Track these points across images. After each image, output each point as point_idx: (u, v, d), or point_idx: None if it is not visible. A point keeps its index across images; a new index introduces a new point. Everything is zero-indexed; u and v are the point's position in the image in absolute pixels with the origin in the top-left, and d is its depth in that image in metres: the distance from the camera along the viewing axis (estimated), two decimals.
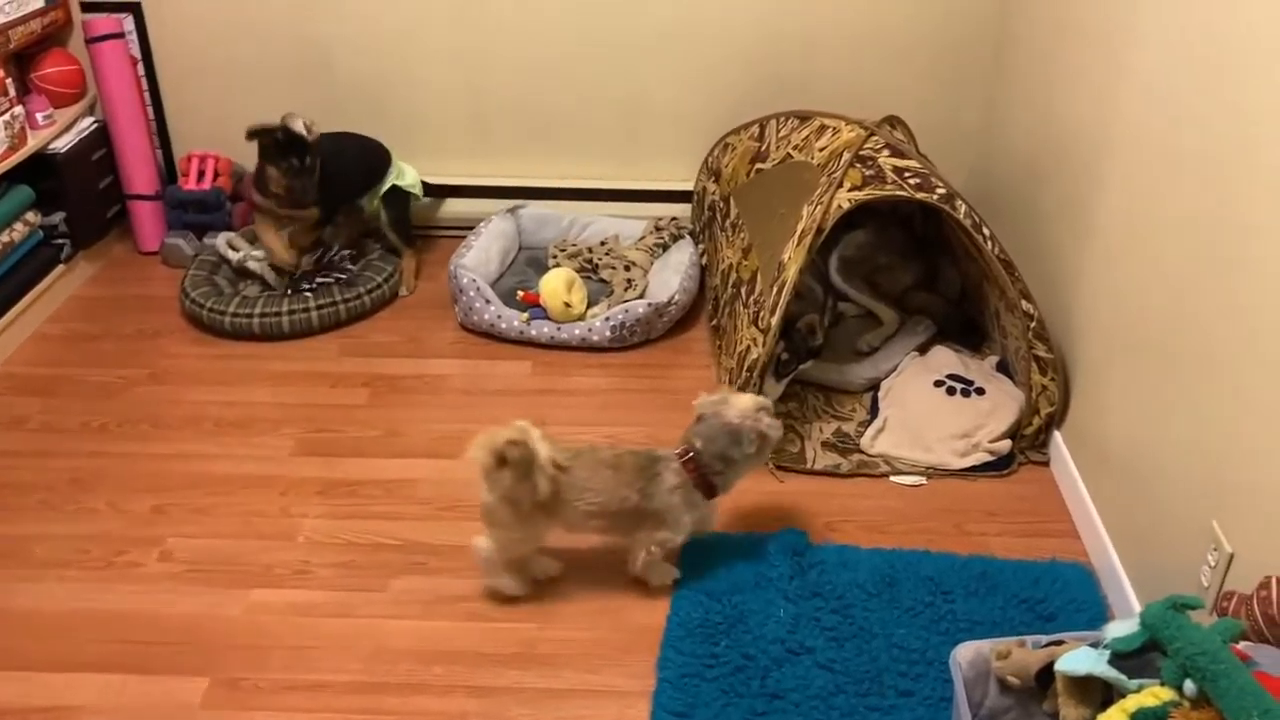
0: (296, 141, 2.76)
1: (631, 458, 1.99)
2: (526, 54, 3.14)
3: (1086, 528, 2.19)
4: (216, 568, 2.12)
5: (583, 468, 1.94)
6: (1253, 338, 1.61)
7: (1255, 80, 1.63)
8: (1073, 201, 2.36)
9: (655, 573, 2.05)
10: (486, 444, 1.86)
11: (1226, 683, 1.24)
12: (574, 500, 1.94)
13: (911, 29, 3.06)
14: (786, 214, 2.52)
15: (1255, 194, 1.61)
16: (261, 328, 2.81)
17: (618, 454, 2.00)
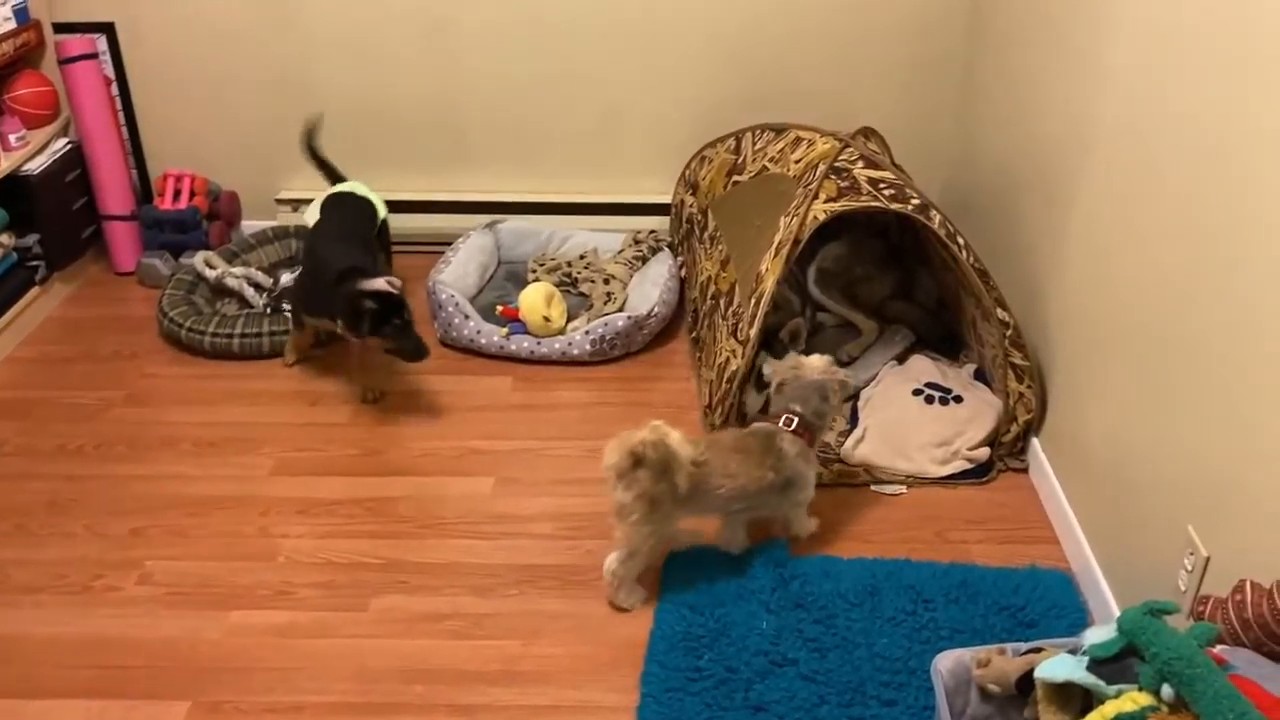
0: (393, 302, 2.48)
1: (752, 439, 2.10)
2: (502, 70, 3.14)
3: (1066, 534, 2.20)
4: (196, 590, 2.11)
5: (716, 458, 2.03)
6: (1229, 343, 1.62)
7: (1230, 82, 1.65)
8: (1047, 209, 2.38)
9: (804, 526, 2.21)
10: (621, 447, 1.93)
11: (1203, 686, 1.25)
12: (714, 489, 2.02)
13: (884, 41, 3.08)
14: (763, 226, 2.54)
15: (1232, 198, 1.63)
16: (242, 347, 2.80)
17: (738, 438, 2.12)
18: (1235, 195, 1.61)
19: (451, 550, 2.21)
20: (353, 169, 3.30)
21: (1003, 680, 1.51)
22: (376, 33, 3.09)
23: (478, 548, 2.22)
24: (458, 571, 2.16)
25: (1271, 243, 1.51)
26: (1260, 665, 1.35)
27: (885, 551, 2.19)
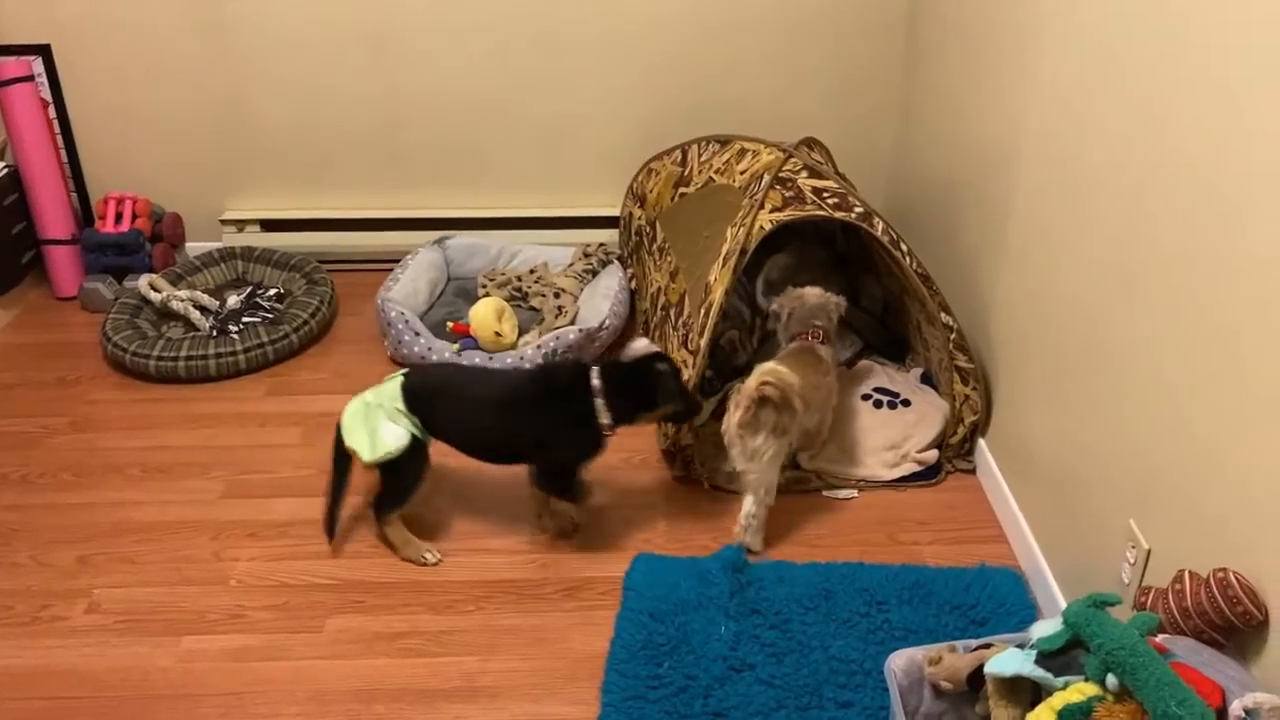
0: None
1: (802, 356, 2.37)
2: (445, 88, 3.15)
3: (1014, 532, 2.24)
4: (146, 617, 2.08)
5: (804, 381, 2.23)
6: (1163, 342, 1.67)
7: (1160, 92, 1.70)
8: (986, 215, 2.44)
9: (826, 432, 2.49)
10: (745, 400, 2.10)
11: (1145, 674, 1.29)
12: (811, 404, 2.25)
13: (824, 54, 3.13)
14: (711, 236, 2.56)
15: (1162, 204, 1.68)
16: (188, 370, 2.77)
17: (793, 358, 2.35)
18: (1152, 202, 1.66)
19: (407, 568, 2.20)
20: (298, 189, 3.29)
21: (954, 677, 1.54)
22: (318, 52, 3.09)
23: (433, 566, 2.21)
24: (414, 589, 2.15)
25: (1191, 249, 1.56)
26: (1200, 652, 1.39)
27: (839, 555, 2.22)
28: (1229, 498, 1.48)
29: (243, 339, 2.82)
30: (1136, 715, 1.30)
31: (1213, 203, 1.52)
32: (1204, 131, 1.54)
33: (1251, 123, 1.43)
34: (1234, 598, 1.39)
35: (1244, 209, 1.45)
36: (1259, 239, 1.42)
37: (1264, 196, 1.40)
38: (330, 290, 3.08)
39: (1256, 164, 1.42)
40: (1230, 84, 1.48)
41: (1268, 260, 1.40)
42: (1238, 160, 1.46)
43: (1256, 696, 1.27)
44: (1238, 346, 1.46)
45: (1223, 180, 1.50)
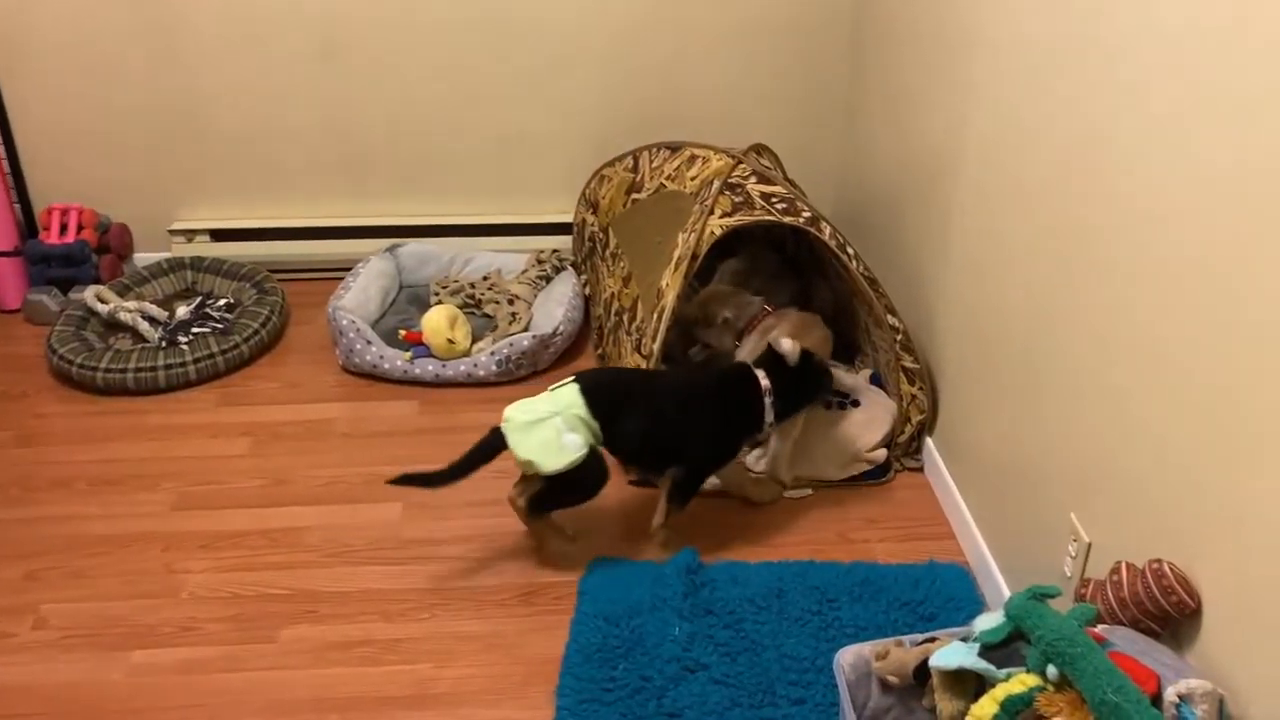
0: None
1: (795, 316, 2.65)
2: (396, 95, 3.14)
3: (961, 529, 2.29)
4: (96, 631, 2.06)
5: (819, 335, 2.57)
6: (1101, 340, 1.72)
7: (1081, 97, 1.75)
8: (931, 218, 2.48)
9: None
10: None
11: (1084, 664, 1.32)
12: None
13: (770, 60, 3.17)
14: (663, 242, 2.58)
15: (1099, 207, 1.73)
16: (136, 382, 2.74)
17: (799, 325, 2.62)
18: (1104, 207, 1.70)
19: (361, 577, 2.20)
20: (248, 198, 3.27)
21: (901, 671, 1.56)
22: (266, 59, 3.07)
23: (388, 573, 2.21)
24: (368, 598, 2.14)
25: (1127, 250, 1.61)
26: (1137, 641, 1.43)
27: (790, 554, 2.25)
28: (1165, 492, 1.53)
29: (192, 349, 2.80)
30: (1076, 704, 1.33)
31: (1149, 207, 1.57)
32: (1139, 139, 1.59)
33: (1183, 134, 1.48)
34: (1168, 587, 1.43)
35: (1179, 212, 1.50)
36: (1195, 242, 1.46)
37: (1197, 200, 1.45)
38: (281, 299, 3.07)
39: (1187, 174, 1.47)
40: (1166, 96, 1.53)
41: (1202, 262, 1.44)
42: (1169, 169, 1.51)
43: (1190, 682, 1.30)
44: (1174, 347, 1.51)
45: (1157, 186, 1.54)
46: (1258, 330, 1.32)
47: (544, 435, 2.10)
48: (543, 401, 2.15)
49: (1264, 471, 1.31)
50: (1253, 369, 1.33)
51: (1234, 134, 1.36)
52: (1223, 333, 1.39)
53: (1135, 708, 1.26)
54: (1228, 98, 1.37)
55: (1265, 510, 1.31)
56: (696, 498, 2.28)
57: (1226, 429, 1.39)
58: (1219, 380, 1.40)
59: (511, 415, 2.13)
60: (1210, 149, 1.40)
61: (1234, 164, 1.36)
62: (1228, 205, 1.37)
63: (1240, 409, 1.36)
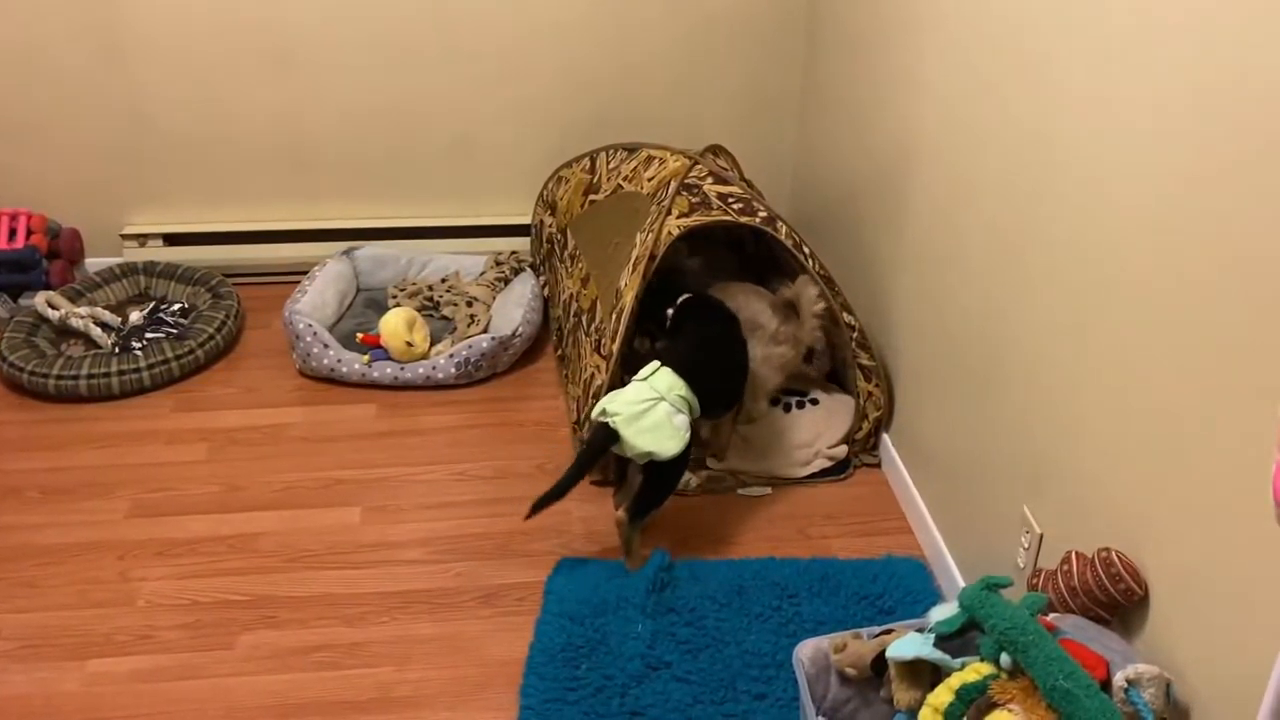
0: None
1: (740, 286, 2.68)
2: (349, 98, 3.12)
3: (918, 523, 2.32)
4: (50, 641, 2.03)
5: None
6: (1050, 338, 1.75)
7: (1040, 99, 1.78)
8: (885, 217, 2.51)
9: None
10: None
11: (1036, 652, 1.35)
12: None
13: (725, 62, 3.18)
14: (621, 242, 2.59)
15: (1050, 205, 1.76)
16: (89, 389, 2.70)
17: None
18: (1054, 205, 1.74)
19: (320, 582, 2.18)
20: (201, 201, 3.24)
21: (859, 663, 1.58)
22: (217, 63, 3.04)
23: (347, 577, 2.20)
24: (327, 603, 2.13)
25: (1074, 251, 1.64)
26: (1086, 629, 1.46)
27: (751, 552, 2.26)
28: (1114, 484, 1.56)
29: (147, 355, 2.76)
30: (1029, 691, 1.35)
31: (1097, 205, 1.60)
32: (1086, 137, 1.62)
33: (1131, 131, 1.51)
34: (1116, 575, 1.46)
35: (1127, 210, 1.53)
36: (1141, 238, 1.49)
37: (1144, 198, 1.48)
38: (236, 304, 3.04)
39: (1134, 172, 1.50)
40: (1114, 93, 1.56)
41: (1149, 260, 1.47)
42: (1116, 167, 1.54)
43: (1138, 667, 1.34)
44: (1121, 342, 1.54)
45: (1105, 184, 1.58)
46: (1202, 327, 1.35)
47: (656, 420, 2.08)
48: (639, 389, 2.12)
49: (1206, 463, 1.35)
50: (1195, 365, 1.36)
51: (1184, 133, 1.39)
52: (1168, 330, 1.42)
53: (1085, 693, 1.28)
54: (1177, 95, 1.40)
55: (1208, 500, 1.35)
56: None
57: (1171, 423, 1.42)
58: (1164, 375, 1.43)
59: (614, 409, 2.08)
60: (1159, 147, 1.44)
61: (1183, 163, 1.39)
62: (1175, 204, 1.40)
63: (1183, 403, 1.39)
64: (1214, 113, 1.31)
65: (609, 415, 2.08)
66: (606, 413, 2.09)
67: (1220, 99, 1.30)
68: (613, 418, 2.07)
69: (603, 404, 2.11)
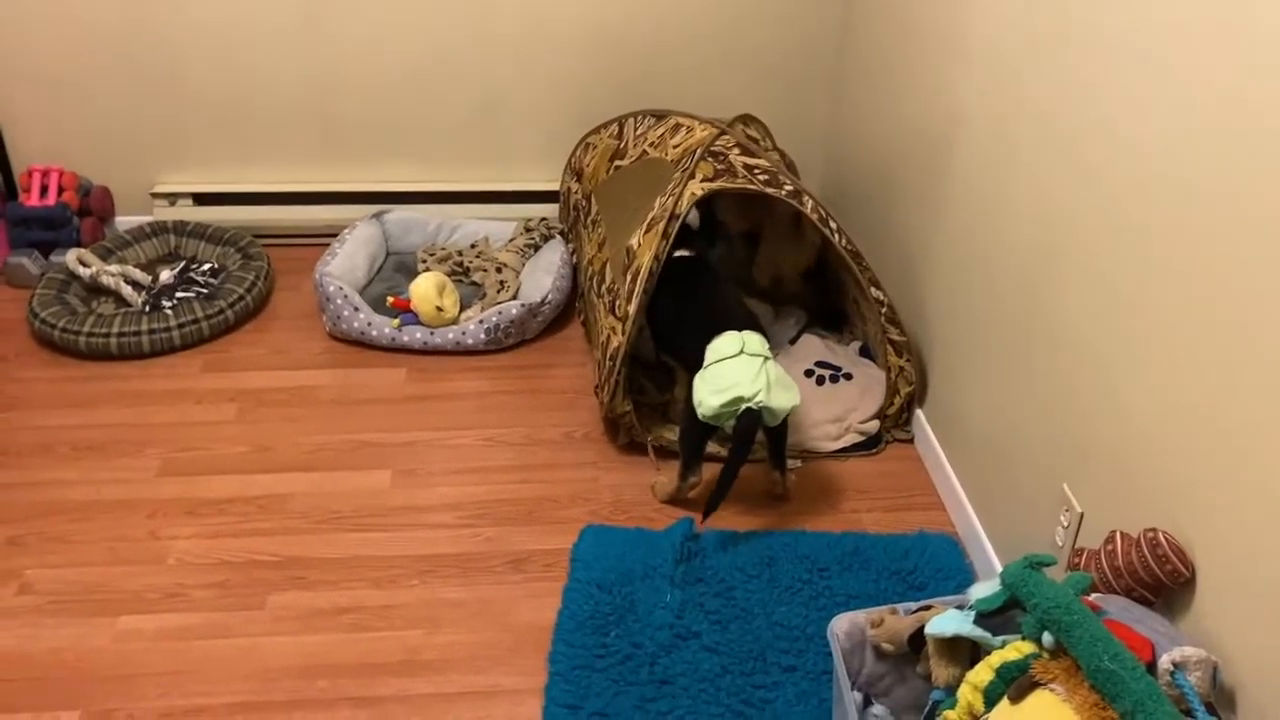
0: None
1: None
2: (380, 62, 3.09)
3: (951, 499, 2.29)
4: (81, 597, 2.03)
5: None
6: (1092, 311, 1.71)
7: (1089, 70, 1.74)
8: (922, 189, 2.47)
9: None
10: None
11: (1080, 632, 1.32)
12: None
13: (755, 29, 3.13)
14: (639, 207, 2.57)
15: (1088, 180, 1.72)
16: (120, 347, 2.70)
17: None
18: (1093, 180, 1.70)
19: (349, 544, 2.18)
20: (231, 162, 3.23)
21: (895, 639, 1.57)
22: (248, 22, 3.01)
23: (376, 540, 2.19)
24: (356, 565, 2.13)
25: (1116, 224, 1.60)
26: (1131, 610, 1.43)
27: (780, 524, 2.25)
28: (1158, 461, 1.53)
29: (177, 314, 2.76)
30: (1071, 671, 1.33)
31: (1143, 180, 1.56)
32: (1137, 113, 1.58)
33: (1180, 108, 1.47)
34: (1163, 556, 1.44)
35: (1173, 184, 1.49)
36: (1189, 212, 1.46)
37: (1191, 173, 1.44)
38: (266, 265, 3.03)
39: (1181, 147, 1.46)
40: (1165, 70, 1.51)
41: (1195, 232, 1.44)
42: (1164, 143, 1.50)
43: (1184, 650, 1.31)
44: (1166, 317, 1.51)
45: (1152, 159, 1.54)
46: (1250, 298, 1.32)
47: (778, 376, 2.10)
48: (748, 363, 2.08)
49: (1258, 439, 1.32)
50: (1246, 335, 1.33)
51: (1241, 101, 1.35)
52: (1215, 301, 1.39)
53: (1131, 675, 1.26)
54: (1238, 63, 1.36)
55: (1259, 478, 1.32)
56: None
57: (1220, 397, 1.39)
58: (1212, 348, 1.40)
59: (750, 393, 2.04)
60: (1205, 124, 1.40)
61: (1226, 141, 1.35)
62: (1221, 178, 1.37)
63: (1233, 376, 1.36)
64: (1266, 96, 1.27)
65: (749, 400, 2.04)
66: (744, 399, 2.04)
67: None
68: (753, 401, 2.03)
69: (730, 397, 2.05)
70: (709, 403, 2.07)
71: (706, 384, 2.09)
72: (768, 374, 2.07)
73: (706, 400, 2.07)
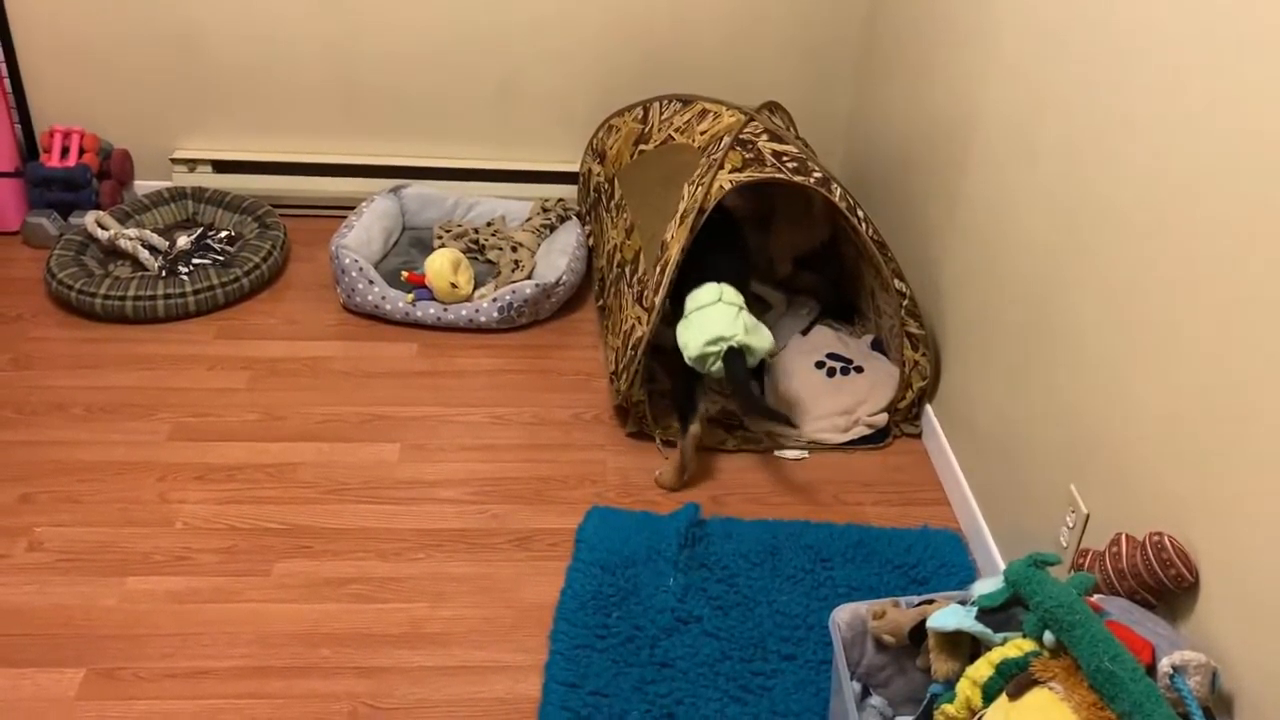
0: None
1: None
2: (401, 35, 3.09)
3: (956, 495, 2.29)
4: (90, 556, 2.05)
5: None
6: (1104, 313, 1.71)
7: (1112, 67, 1.73)
8: (941, 183, 2.46)
9: None
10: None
11: (1081, 632, 1.33)
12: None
13: (781, 18, 3.12)
14: (667, 194, 2.56)
15: (1109, 176, 1.72)
16: (135, 311, 2.72)
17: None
18: (1114, 176, 1.69)
19: (356, 515, 2.20)
20: (251, 130, 3.23)
21: (896, 631, 1.57)
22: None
23: (383, 512, 2.21)
24: (363, 536, 2.15)
25: (1131, 223, 1.60)
26: (1133, 612, 1.44)
27: (785, 513, 2.25)
28: (1165, 467, 1.53)
29: (192, 280, 2.77)
30: (1071, 670, 1.34)
31: (1160, 179, 1.56)
32: (1156, 110, 1.58)
33: (1199, 108, 1.46)
34: (1168, 560, 1.44)
35: (1189, 185, 1.48)
36: (1203, 215, 1.45)
37: (1208, 172, 1.44)
38: (283, 235, 3.04)
39: (1198, 147, 1.46)
40: (1187, 67, 1.51)
41: (1209, 234, 1.43)
42: (1181, 142, 1.50)
43: (1184, 654, 1.32)
44: (1178, 320, 1.50)
45: (1170, 158, 1.53)
46: (1263, 305, 1.32)
47: (754, 322, 2.28)
48: (724, 310, 2.26)
49: (1266, 447, 1.32)
50: (1258, 343, 1.33)
51: (1253, 117, 1.34)
52: (1228, 307, 1.39)
53: (1130, 676, 1.27)
54: (1252, 67, 1.35)
55: (1266, 486, 1.32)
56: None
57: (1228, 404, 1.39)
58: (1221, 355, 1.40)
59: (730, 333, 2.21)
60: (1226, 128, 1.39)
61: (1248, 145, 1.35)
62: (1242, 183, 1.36)
63: (1242, 385, 1.36)
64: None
65: (729, 340, 2.21)
66: (725, 338, 2.21)
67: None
68: (733, 340, 2.21)
69: (712, 336, 2.21)
70: (693, 344, 2.23)
71: (689, 329, 2.26)
72: (744, 320, 2.25)
73: (691, 343, 2.23)
